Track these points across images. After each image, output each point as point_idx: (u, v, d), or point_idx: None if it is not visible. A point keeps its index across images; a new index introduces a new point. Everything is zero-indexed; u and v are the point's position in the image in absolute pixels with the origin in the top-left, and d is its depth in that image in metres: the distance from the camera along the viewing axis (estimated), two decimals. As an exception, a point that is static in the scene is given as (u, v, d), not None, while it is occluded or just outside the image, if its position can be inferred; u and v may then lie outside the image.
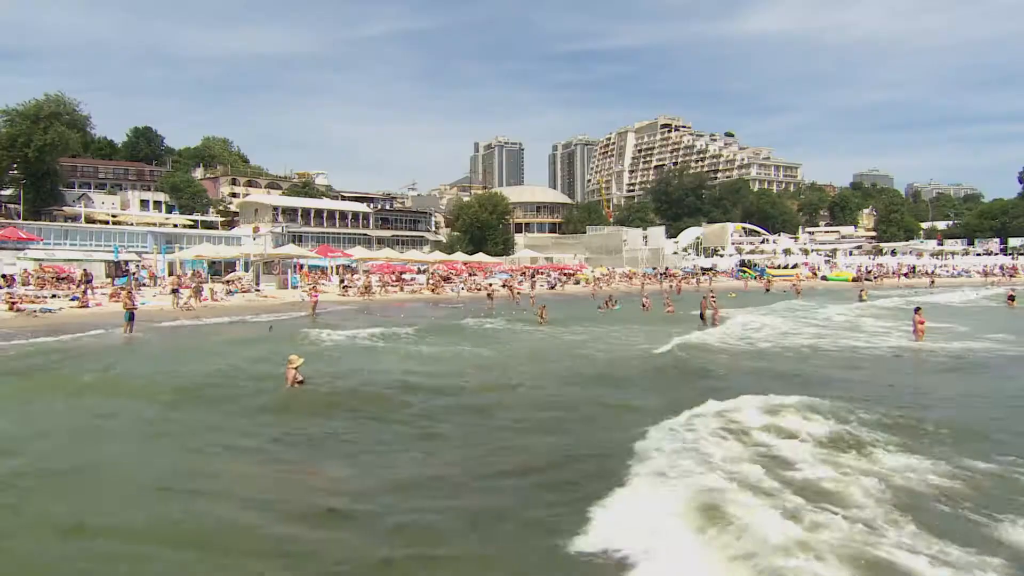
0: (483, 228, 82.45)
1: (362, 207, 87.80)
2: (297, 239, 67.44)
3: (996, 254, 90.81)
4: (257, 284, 47.34)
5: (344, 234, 78.29)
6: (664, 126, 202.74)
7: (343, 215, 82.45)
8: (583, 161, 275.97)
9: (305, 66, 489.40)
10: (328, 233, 76.07)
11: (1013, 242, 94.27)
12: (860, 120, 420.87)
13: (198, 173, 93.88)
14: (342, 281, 49.75)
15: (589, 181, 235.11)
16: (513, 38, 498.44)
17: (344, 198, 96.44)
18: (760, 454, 8.93)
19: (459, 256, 65.86)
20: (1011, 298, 37.95)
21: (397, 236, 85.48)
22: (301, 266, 53.75)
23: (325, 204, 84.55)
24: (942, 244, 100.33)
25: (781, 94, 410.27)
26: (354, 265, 59.52)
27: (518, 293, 47.52)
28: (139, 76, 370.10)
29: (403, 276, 56.03)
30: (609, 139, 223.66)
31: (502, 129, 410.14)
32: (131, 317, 24.11)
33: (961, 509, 7.20)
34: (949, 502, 7.38)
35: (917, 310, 22.55)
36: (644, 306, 35.96)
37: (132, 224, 66.14)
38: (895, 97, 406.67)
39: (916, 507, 7.18)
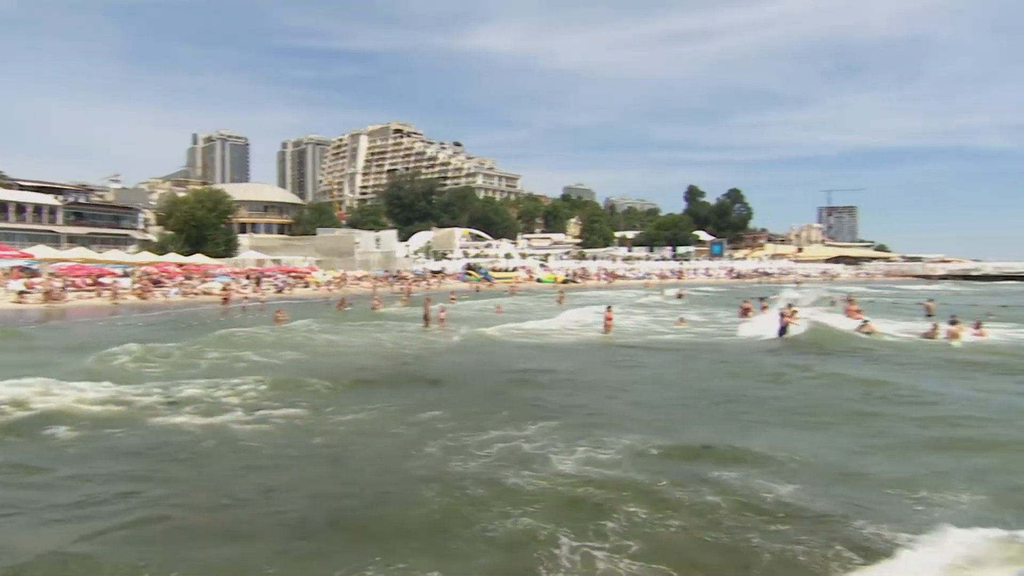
0: (201, 227, 75.84)
1: (47, 199, 75.00)
2: (-47, 235, 55.58)
3: (668, 259, 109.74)
4: None
5: (22, 230, 66.18)
6: (396, 131, 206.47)
7: (20, 207, 69.74)
8: (314, 161, 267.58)
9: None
10: (-1, 229, 63.77)
11: (681, 250, 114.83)
12: (568, 138, 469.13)
13: None
14: (24, 289, 42.23)
15: (320, 182, 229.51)
16: (240, 26, 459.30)
17: (22, 187, 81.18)
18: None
19: (173, 257, 60.01)
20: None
21: (95, 234, 74.66)
22: (-40, 268, 44.51)
23: (-6, 193, 70.60)
24: (631, 251, 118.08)
25: (503, 109, 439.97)
26: (36, 267, 50.90)
27: (245, 298, 45.18)
28: None
29: (101, 280, 49.45)
30: (342, 140, 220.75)
31: (226, 122, 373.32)
32: None
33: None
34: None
35: (608, 308, 27.07)
36: (374, 307, 36.93)
37: None
38: (592, 121, 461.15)
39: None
